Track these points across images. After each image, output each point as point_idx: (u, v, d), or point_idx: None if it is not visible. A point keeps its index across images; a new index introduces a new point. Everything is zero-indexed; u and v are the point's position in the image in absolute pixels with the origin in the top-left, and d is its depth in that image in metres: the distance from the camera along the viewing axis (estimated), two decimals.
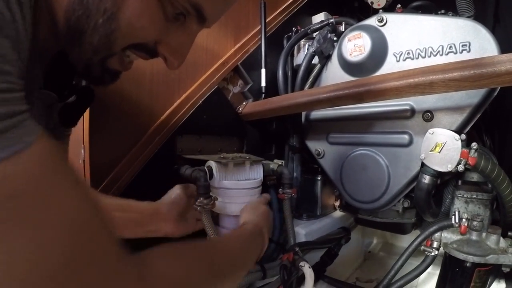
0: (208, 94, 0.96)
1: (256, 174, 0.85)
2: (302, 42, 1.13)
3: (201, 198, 0.70)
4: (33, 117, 0.25)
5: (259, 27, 1.09)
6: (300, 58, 1.10)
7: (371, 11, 1.09)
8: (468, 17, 0.90)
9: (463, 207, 0.73)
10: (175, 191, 0.73)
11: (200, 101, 0.95)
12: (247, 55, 1.07)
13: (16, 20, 0.24)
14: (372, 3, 1.17)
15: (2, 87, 0.22)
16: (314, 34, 1.07)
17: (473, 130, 0.86)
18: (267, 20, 1.10)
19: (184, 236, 0.72)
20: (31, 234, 0.22)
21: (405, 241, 0.78)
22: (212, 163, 0.78)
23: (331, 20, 1.04)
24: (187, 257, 0.39)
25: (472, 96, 0.70)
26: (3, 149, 0.21)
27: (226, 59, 1.03)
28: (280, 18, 1.21)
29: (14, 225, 0.21)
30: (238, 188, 0.78)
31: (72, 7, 0.33)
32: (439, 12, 0.90)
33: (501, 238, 0.66)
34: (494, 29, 0.90)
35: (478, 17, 0.88)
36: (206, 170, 0.76)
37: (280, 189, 0.90)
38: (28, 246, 0.22)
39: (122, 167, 0.80)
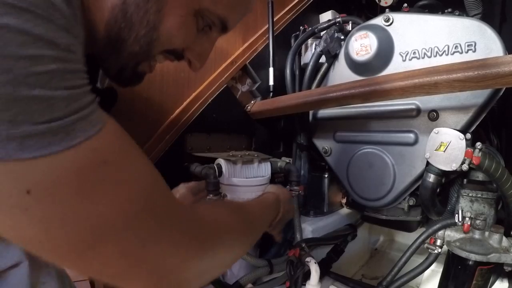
0: (217, 93, 0.99)
1: (264, 171, 0.87)
2: (309, 41, 1.14)
3: (211, 195, 0.72)
4: None
5: (267, 26, 1.10)
6: (307, 57, 1.11)
7: (379, 9, 1.10)
8: (476, 15, 0.90)
9: (468, 206, 0.74)
10: (180, 191, 0.76)
11: (209, 100, 0.97)
12: (255, 54, 1.09)
13: (77, 21, 0.29)
14: (379, 0, 1.19)
15: (83, 82, 0.29)
16: (322, 33, 1.08)
17: (480, 129, 0.87)
18: (274, 19, 1.11)
19: None
20: (121, 187, 0.30)
21: (411, 239, 0.79)
22: (221, 161, 0.80)
23: (338, 19, 1.05)
24: (227, 209, 0.47)
25: (477, 96, 0.71)
26: (91, 129, 0.28)
27: (235, 58, 1.04)
28: (288, 17, 1.22)
29: (109, 182, 0.29)
30: (247, 185, 0.81)
31: (114, 20, 0.37)
32: (446, 10, 0.91)
33: (504, 238, 0.67)
34: (501, 28, 0.90)
35: (485, 16, 0.89)
36: (215, 167, 0.78)
37: (287, 186, 0.92)
38: (121, 195, 0.29)
39: None
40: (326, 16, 1.31)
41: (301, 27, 1.19)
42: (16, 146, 0.24)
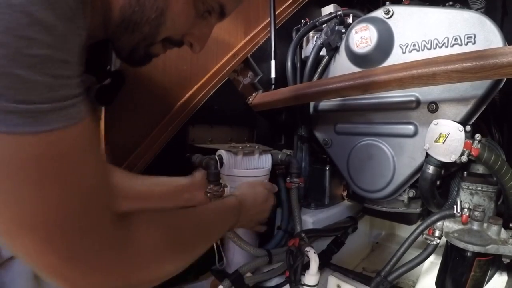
0: (219, 85, 1.00)
1: (264, 163, 0.88)
2: (310, 34, 1.14)
3: (212, 185, 0.73)
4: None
5: (269, 19, 1.11)
6: (308, 49, 1.12)
7: (380, 2, 1.10)
8: (478, 9, 0.90)
9: (467, 199, 0.74)
10: (197, 177, 0.79)
11: (212, 92, 0.98)
12: (257, 47, 1.10)
13: (80, 13, 0.31)
14: None
15: (72, 74, 0.30)
16: (323, 26, 1.08)
17: (482, 123, 0.87)
18: (276, 13, 1.12)
19: None
20: (66, 186, 0.30)
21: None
22: (222, 152, 0.81)
23: (339, 12, 1.05)
24: (164, 225, 0.45)
25: (476, 88, 0.71)
26: (62, 122, 0.29)
27: (237, 51, 1.05)
28: (290, 10, 1.22)
29: (57, 177, 0.30)
30: (247, 176, 0.82)
31: (129, 4, 0.41)
32: (447, 4, 0.90)
33: (503, 229, 0.67)
34: (502, 22, 0.90)
35: (488, 11, 0.88)
36: (217, 158, 0.79)
37: (288, 178, 0.92)
38: (63, 193, 0.30)
39: (136, 156, 0.84)
40: (328, 10, 1.31)
41: (302, 20, 1.19)
42: None
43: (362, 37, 0.87)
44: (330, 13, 1.09)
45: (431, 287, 0.78)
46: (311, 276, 0.73)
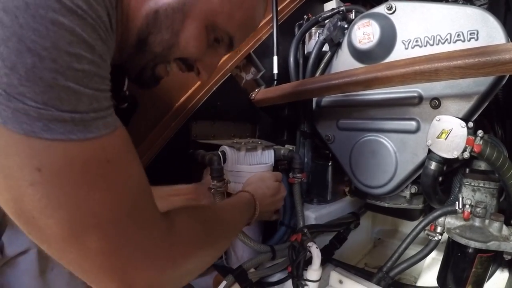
0: (222, 81, 1.00)
1: (267, 158, 0.89)
2: (313, 29, 1.14)
3: (215, 181, 0.74)
4: None
5: (271, 15, 1.11)
6: (311, 45, 1.12)
7: None
8: (482, 5, 0.90)
9: (470, 195, 0.75)
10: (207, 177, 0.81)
11: (214, 88, 0.99)
12: (259, 43, 1.10)
13: (112, 37, 0.36)
14: None
15: (106, 88, 0.34)
16: (325, 22, 1.08)
17: (485, 120, 0.87)
18: (279, 8, 1.12)
19: None
20: (115, 188, 0.34)
21: None
22: (225, 148, 0.82)
23: (341, 8, 1.05)
24: (201, 219, 0.49)
25: (479, 84, 0.72)
26: (105, 129, 0.33)
27: (239, 47, 1.06)
28: (292, 6, 1.22)
29: (106, 180, 0.33)
30: (250, 172, 0.83)
31: (146, 26, 0.45)
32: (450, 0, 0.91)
33: (504, 226, 0.68)
34: (505, 17, 0.90)
35: (491, 6, 0.88)
36: (220, 154, 0.80)
37: (290, 174, 0.93)
38: (113, 195, 0.33)
39: (139, 151, 0.85)
40: (331, 5, 1.31)
41: (304, 16, 1.19)
42: (43, 126, 0.28)
43: (364, 33, 0.87)
44: (333, 9, 1.09)
45: (433, 283, 0.79)
46: (313, 271, 0.74)
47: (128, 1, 0.43)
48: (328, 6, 1.32)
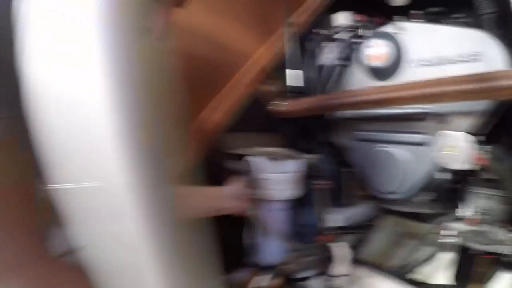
0: (246, 93, 1.11)
1: (293, 167, 0.98)
2: (326, 43, 1.23)
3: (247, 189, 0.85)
4: None
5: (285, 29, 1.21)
6: (325, 58, 1.21)
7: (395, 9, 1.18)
8: (487, 13, 0.96)
9: (478, 202, 0.84)
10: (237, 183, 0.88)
11: (235, 100, 1.10)
12: (278, 56, 1.20)
13: None
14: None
15: None
16: (338, 37, 1.17)
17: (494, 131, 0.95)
18: (293, 21, 1.21)
19: None
20: None
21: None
22: (252, 157, 0.92)
23: (353, 24, 1.13)
24: None
25: (484, 102, 0.79)
26: None
27: (261, 61, 1.16)
28: (304, 20, 1.31)
29: None
30: (276, 180, 0.92)
31: None
32: (455, 14, 0.97)
33: (506, 231, 0.77)
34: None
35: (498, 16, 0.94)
36: (247, 163, 0.91)
37: (315, 181, 1.03)
38: None
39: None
40: (342, 17, 1.40)
41: (316, 30, 1.28)
42: None
43: (374, 51, 0.96)
44: (344, 24, 1.17)
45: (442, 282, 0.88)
46: (341, 267, 0.84)
47: None
48: (339, 18, 1.40)
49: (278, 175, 0.92)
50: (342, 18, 1.37)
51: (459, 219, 0.82)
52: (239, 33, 1.16)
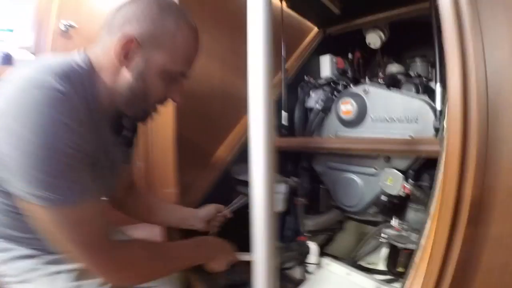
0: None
1: (281, 188, 1.42)
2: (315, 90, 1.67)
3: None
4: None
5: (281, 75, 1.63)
6: (311, 101, 1.65)
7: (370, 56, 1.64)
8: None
9: (411, 213, 1.30)
10: (211, 209, 1.20)
11: (242, 136, 1.52)
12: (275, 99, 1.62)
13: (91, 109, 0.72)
14: (369, 44, 1.73)
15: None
16: (323, 85, 1.61)
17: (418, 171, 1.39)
18: (287, 69, 1.63)
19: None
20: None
21: None
22: None
23: (334, 78, 1.58)
24: (150, 251, 0.82)
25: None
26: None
27: None
28: (296, 64, 1.75)
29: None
30: None
31: (126, 97, 0.77)
32: (414, 75, 1.42)
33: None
34: None
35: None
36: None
37: (295, 198, 1.48)
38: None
39: (196, 188, 1.39)
40: (325, 59, 1.85)
41: (305, 77, 1.72)
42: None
43: (346, 108, 1.40)
44: (327, 78, 1.62)
45: (381, 267, 1.35)
46: (312, 257, 1.29)
47: (103, 84, 0.75)
48: (323, 60, 1.85)
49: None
50: (326, 70, 1.83)
51: (391, 226, 1.29)
52: (243, 82, 1.58)
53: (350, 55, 2.09)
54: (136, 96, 0.78)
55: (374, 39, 1.87)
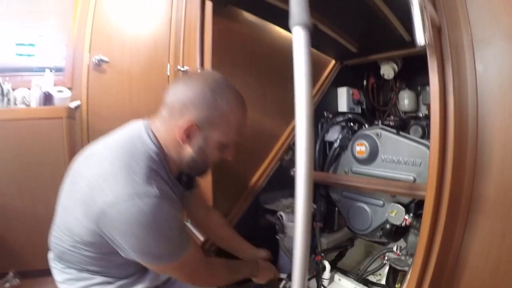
0: (275, 162, 1.83)
1: None
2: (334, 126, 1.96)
3: (281, 234, 1.59)
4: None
5: None
6: (329, 137, 1.94)
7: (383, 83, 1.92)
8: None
9: (412, 237, 1.59)
10: (266, 255, 1.52)
11: (270, 168, 1.82)
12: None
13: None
14: (383, 74, 2.01)
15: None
16: (340, 122, 1.89)
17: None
18: None
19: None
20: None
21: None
22: (281, 212, 1.66)
23: (350, 116, 1.86)
24: (224, 266, 1.22)
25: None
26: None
27: (286, 139, 1.88)
28: (317, 94, 2.03)
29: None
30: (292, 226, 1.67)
31: (189, 165, 1.04)
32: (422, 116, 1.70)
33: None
34: None
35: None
36: (279, 216, 1.64)
37: (314, 222, 1.78)
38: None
39: (232, 215, 1.70)
40: (342, 92, 2.13)
41: (325, 113, 2.00)
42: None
43: (360, 148, 1.69)
44: (344, 114, 1.90)
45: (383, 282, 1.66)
46: (326, 273, 1.61)
47: (172, 159, 1.00)
48: (340, 92, 2.13)
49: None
50: (343, 102, 2.10)
51: (393, 251, 1.59)
52: (272, 122, 1.88)
53: (365, 82, 2.37)
54: (197, 164, 1.04)
55: (388, 71, 2.15)
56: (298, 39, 0.73)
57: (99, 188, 0.87)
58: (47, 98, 2.36)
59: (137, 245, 0.88)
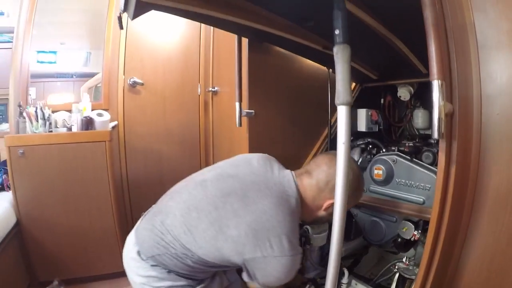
0: None
1: (325, 227, 2.06)
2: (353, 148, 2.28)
3: (307, 245, 1.93)
4: None
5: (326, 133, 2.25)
6: (352, 155, 2.26)
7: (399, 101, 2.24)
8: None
9: (420, 247, 1.92)
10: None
11: None
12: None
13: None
14: (400, 96, 2.31)
15: None
16: (360, 144, 2.21)
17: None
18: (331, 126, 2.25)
19: None
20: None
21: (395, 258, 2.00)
22: (307, 226, 1.99)
23: (369, 140, 2.18)
24: None
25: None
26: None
27: (310, 159, 2.20)
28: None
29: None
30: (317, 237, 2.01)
31: (316, 221, 1.64)
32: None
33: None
34: None
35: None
36: (305, 229, 1.98)
37: None
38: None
39: None
40: (362, 113, 2.43)
41: None
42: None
43: (377, 172, 2.01)
44: (364, 137, 2.22)
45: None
46: (344, 279, 1.96)
47: (303, 215, 1.45)
48: (360, 113, 2.44)
49: (319, 235, 2.01)
50: (362, 122, 2.41)
51: (402, 261, 1.92)
52: (299, 144, 2.21)
53: (382, 100, 2.67)
54: (322, 220, 1.57)
55: (404, 94, 2.44)
56: (342, 115, 1.05)
57: (265, 240, 1.22)
58: (89, 122, 2.69)
59: (271, 282, 1.26)
